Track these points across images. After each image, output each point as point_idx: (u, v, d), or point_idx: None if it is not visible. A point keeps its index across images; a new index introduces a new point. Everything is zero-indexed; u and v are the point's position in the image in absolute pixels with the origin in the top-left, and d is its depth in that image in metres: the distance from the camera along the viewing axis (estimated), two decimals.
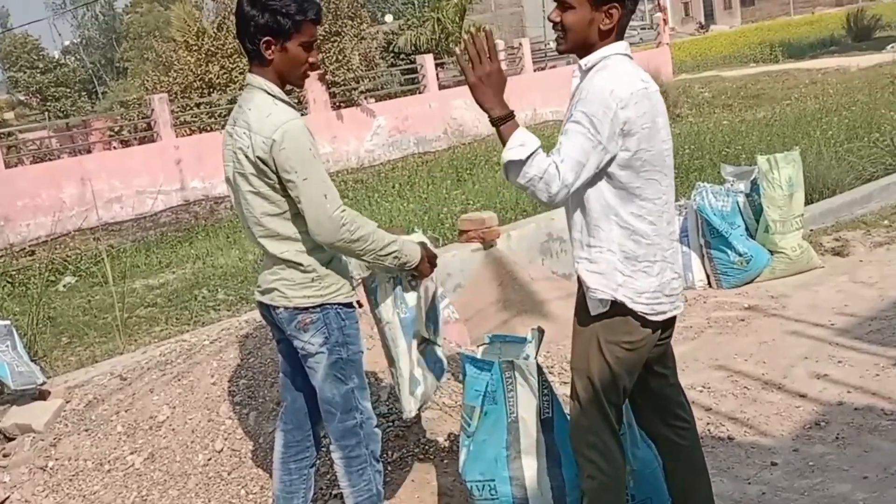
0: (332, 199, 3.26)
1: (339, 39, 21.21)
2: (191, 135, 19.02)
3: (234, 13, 3.44)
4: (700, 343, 5.88)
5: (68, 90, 37.40)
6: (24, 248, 16.62)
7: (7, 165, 17.28)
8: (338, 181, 18.97)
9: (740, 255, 6.95)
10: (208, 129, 19.45)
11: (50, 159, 19.26)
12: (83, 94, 39.72)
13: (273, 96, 3.33)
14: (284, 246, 3.36)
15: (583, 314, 3.12)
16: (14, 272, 15.57)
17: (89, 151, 20.32)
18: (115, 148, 20.01)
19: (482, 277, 6.70)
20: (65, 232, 17.20)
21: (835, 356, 5.31)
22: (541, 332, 3.62)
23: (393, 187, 17.03)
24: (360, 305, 3.56)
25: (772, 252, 7.06)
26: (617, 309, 3.06)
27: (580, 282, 3.12)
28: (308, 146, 3.26)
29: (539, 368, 3.50)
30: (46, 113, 35.44)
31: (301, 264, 3.36)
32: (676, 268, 3.21)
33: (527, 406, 3.50)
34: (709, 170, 11.44)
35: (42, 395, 4.90)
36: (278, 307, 3.42)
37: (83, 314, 11.87)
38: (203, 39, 20.98)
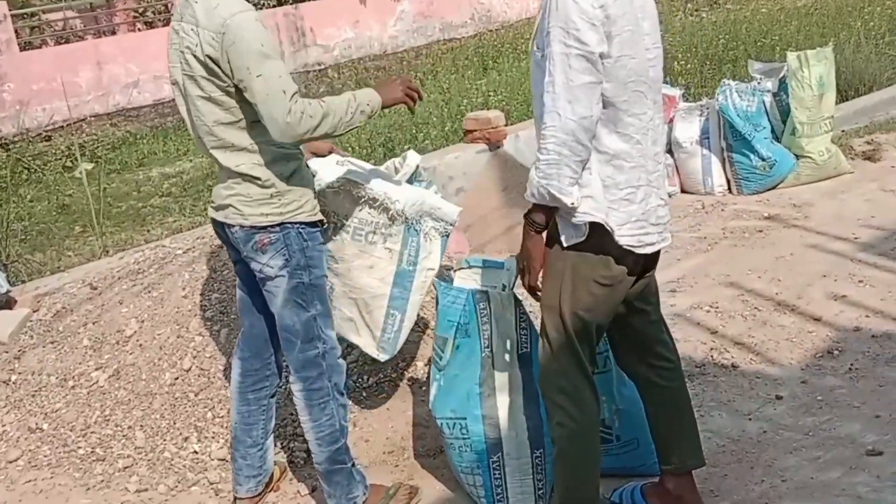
0: (289, 94, 2.88)
1: None
2: None
3: None
4: (713, 256, 5.51)
5: None
6: (41, 134, 16.35)
7: (22, 48, 16.92)
8: (360, 68, 18.46)
9: (763, 159, 6.50)
10: None
11: (74, 41, 18.82)
12: None
13: None
14: (239, 158, 3.02)
15: (554, 246, 2.77)
16: (30, 157, 15.37)
17: (114, 33, 19.85)
18: (139, 30, 19.52)
19: (486, 181, 6.33)
20: (81, 117, 16.89)
21: (855, 275, 4.93)
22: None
23: (415, 76, 16.50)
24: (324, 224, 3.22)
25: (798, 156, 6.60)
26: (594, 240, 2.71)
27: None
28: (261, 40, 2.88)
29: (516, 299, 3.18)
30: None
31: (258, 178, 3.02)
32: (662, 194, 2.85)
33: (502, 340, 3.19)
34: (741, 61, 10.87)
35: (8, 304, 4.65)
36: (233, 225, 3.10)
37: (96, 202, 11.71)
38: None
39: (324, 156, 3.62)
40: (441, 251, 3.56)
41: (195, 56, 2.92)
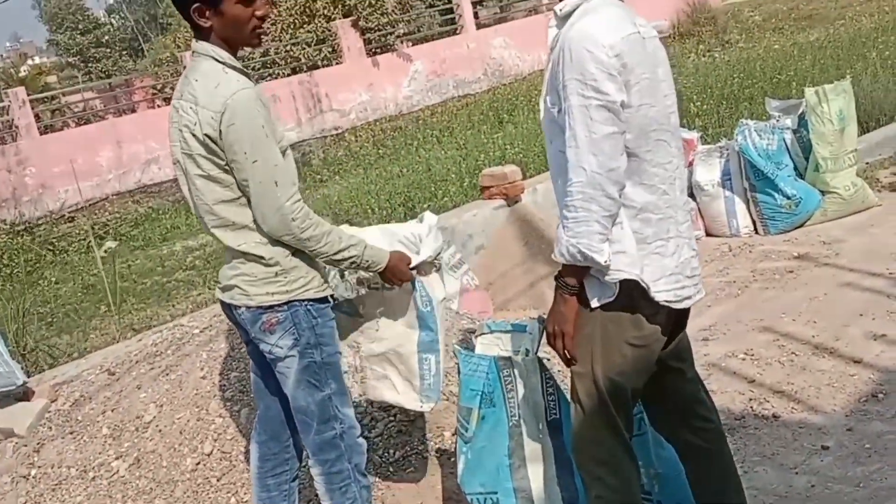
0: (283, 186, 2.82)
1: None
2: None
3: None
4: (744, 300, 5.35)
5: (109, 50, 37.11)
6: (64, 215, 16.49)
7: (42, 132, 17.10)
8: (376, 130, 18.53)
9: (788, 197, 6.36)
10: None
11: (95, 121, 19.04)
12: (124, 53, 39.37)
13: (223, 63, 2.88)
14: (241, 237, 2.93)
15: (581, 308, 2.64)
16: (55, 239, 15.46)
17: (134, 111, 20.02)
18: (158, 107, 19.71)
19: (506, 237, 6.23)
20: (103, 196, 17.04)
21: (893, 312, 4.75)
22: (542, 321, 3.15)
23: (431, 134, 16.56)
24: (335, 299, 3.12)
25: (823, 192, 6.46)
26: (622, 298, 2.58)
27: None
28: (261, 122, 2.81)
29: (541, 364, 3.04)
30: (89, 74, 35.34)
31: (262, 257, 2.93)
32: (693, 244, 2.73)
33: (530, 407, 3.05)
34: (758, 98, 10.78)
35: (26, 395, 4.55)
36: (240, 306, 3.00)
37: (122, 280, 11.76)
38: None
39: None
40: (442, 277, 3.45)
41: (194, 135, 2.83)
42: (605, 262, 2.48)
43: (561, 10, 2.59)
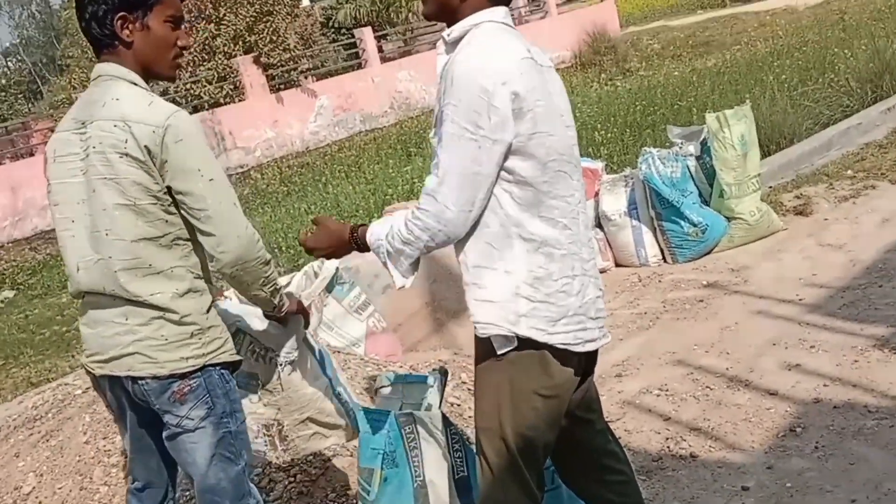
0: (240, 208, 2.53)
1: (271, 19, 20.30)
2: None
3: None
4: (656, 333, 5.23)
5: (4, 94, 36.05)
6: None
7: None
8: (283, 166, 18.24)
9: (695, 225, 6.31)
10: None
11: None
12: (20, 96, 38.31)
13: (143, 89, 2.56)
14: (155, 284, 2.52)
15: (485, 357, 2.44)
16: None
17: (32, 155, 19.37)
18: None
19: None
20: None
21: (806, 340, 4.67)
22: (443, 373, 2.95)
23: (339, 169, 16.32)
24: (239, 366, 2.82)
25: (728, 218, 6.42)
26: (528, 344, 2.39)
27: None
28: (206, 142, 2.54)
29: (446, 419, 2.84)
30: None
31: (176, 312, 2.54)
32: (600, 283, 2.55)
33: (436, 466, 2.84)
34: (661, 125, 10.83)
35: None
36: (144, 377, 2.58)
37: (19, 331, 11.31)
38: None
39: None
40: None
41: (125, 154, 2.45)
42: (399, 287, 2.41)
43: (449, 34, 2.41)
